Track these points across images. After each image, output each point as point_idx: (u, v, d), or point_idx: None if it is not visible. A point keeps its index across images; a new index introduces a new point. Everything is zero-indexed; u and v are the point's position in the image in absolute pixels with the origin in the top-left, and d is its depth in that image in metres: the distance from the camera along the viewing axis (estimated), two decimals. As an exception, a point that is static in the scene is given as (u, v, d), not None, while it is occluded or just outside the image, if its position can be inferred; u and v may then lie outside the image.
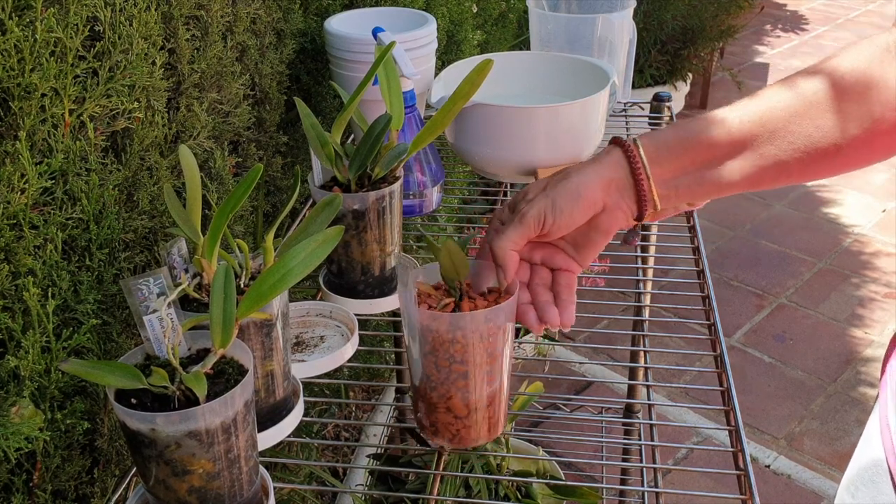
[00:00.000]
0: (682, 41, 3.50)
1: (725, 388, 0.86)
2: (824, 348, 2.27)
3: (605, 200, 0.65)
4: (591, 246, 0.67)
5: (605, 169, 0.65)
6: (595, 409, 1.82)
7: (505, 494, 1.19)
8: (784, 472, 1.88)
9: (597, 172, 0.65)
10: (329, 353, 0.83)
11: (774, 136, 0.62)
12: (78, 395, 0.81)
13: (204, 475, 0.58)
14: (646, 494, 1.20)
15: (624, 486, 1.55)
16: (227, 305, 0.59)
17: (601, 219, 0.66)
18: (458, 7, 1.80)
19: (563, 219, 0.64)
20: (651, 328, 2.08)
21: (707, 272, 1.05)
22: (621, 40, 1.42)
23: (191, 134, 0.98)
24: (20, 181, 0.70)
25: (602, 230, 0.66)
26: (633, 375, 1.54)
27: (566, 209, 0.64)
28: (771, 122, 0.63)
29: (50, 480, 0.79)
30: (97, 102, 0.80)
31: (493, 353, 0.67)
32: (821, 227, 2.85)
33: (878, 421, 0.67)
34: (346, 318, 0.88)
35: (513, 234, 0.65)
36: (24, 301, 0.72)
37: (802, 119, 0.62)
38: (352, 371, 1.78)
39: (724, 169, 0.64)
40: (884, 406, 0.66)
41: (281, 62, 1.22)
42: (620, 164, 0.65)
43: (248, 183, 0.64)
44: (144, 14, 0.84)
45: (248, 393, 0.59)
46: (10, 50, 0.68)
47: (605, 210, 0.65)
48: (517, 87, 1.24)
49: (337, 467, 1.69)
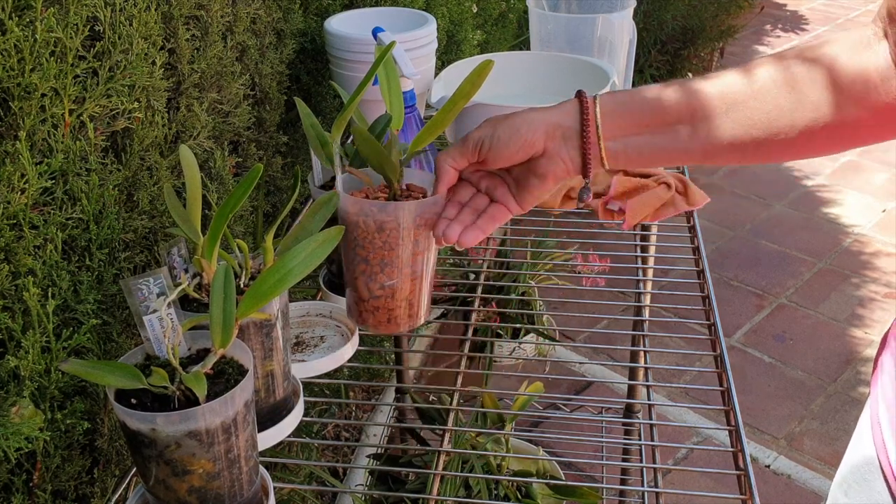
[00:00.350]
0: (682, 41, 3.50)
1: (725, 388, 0.86)
2: (824, 348, 2.27)
3: (547, 144, 0.66)
4: (529, 190, 0.69)
5: (555, 114, 0.66)
6: (595, 409, 1.82)
7: (505, 494, 1.19)
8: (784, 472, 1.88)
9: (545, 114, 0.66)
10: (329, 353, 0.83)
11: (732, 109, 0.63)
12: (78, 395, 0.81)
13: (204, 475, 0.58)
14: (646, 494, 1.20)
15: (624, 486, 1.55)
16: (227, 305, 0.59)
17: (540, 162, 0.67)
18: (458, 7, 1.80)
19: (499, 148, 0.66)
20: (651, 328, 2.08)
21: (707, 272, 1.05)
22: (621, 40, 1.42)
23: (191, 134, 0.98)
24: (20, 181, 0.70)
25: (539, 174, 0.67)
26: (633, 375, 1.54)
27: (503, 139, 0.66)
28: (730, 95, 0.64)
29: (50, 480, 0.79)
30: (97, 102, 0.80)
31: (390, 246, 0.72)
32: (821, 227, 2.85)
33: (869, 419, 0.67)
34: (346, 319, 0.88)
35: (453, 150, 0.69)
36: (24, 301, 0.72)
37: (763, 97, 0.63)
38: (352, 371, 1.78)
39: (677, 135, 0.65)
40: (874, 404, 0.67)
41: (281, 62, 1.22)
42: (572, 113, 0.66)
43: (248, 183, 0.64)
44: (144, 14, 0.84)
45: (248, 393, 0.59)
46: (10, 50, 0.68)
47: (545, 154, 0.66)
48: (517, 87, 1.24)
49: (337, 467, 1.69)
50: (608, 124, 0.65)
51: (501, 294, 1.75)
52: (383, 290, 0.76)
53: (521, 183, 0.69)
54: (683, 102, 0.64)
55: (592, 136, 0.65)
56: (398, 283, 0.76)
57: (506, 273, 1.77)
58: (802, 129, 0.63)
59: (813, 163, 3.26)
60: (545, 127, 0.66)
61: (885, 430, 0.63)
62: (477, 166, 0.70)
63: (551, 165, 0.67)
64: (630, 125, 0.65)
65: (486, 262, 1.20)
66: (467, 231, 0.69)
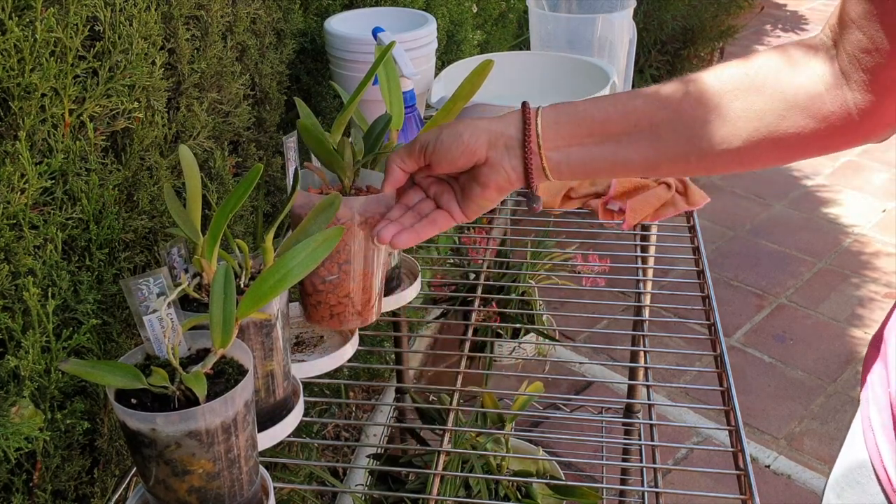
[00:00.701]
0: (682, 41, 3.50)
1: (725, 388, 0.86)
2: (824, 348, 2.27)
3: (489, 153, 0.67)
4: (472, 198, 0.69)
5: (499, 123, 0.67)
6: (595, 409, 1.82)
7: (505, 494, 1.19)
8: (784, 472, 1.88)
9: (489, 123, 0.67)
10: (329, 353, 0.83)
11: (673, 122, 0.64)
12: (78, 395, 0.81)
13: (204, 475, 0.58)
14: (646, 494, 1.20)
15: (624, 486, 1.55)
16: (227, 305, 0.59)
17: (482, 171, 0.67)
18: (458, 7, 1.80)
19: (441, 152, 0.67)
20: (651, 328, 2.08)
21: (707, 272, 1.05)
22: (621, 40, 1.42)
23: (191, 134, 0.98)
24: (20, 181, 0.70)
25: (481, 182, 0.68)
26: (633, 375, 1.54)
27: (446, 143, 0.67)
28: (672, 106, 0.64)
29: (50, 480, 0.79)
30: (97, 102, 0.80)
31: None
32: (821, 227, 2.85)
33: (861, 422, 0.67)
34: None
35: (401, 151, 0.70)
36: (24, 301, 0.72)
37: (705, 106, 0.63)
38: (352, 371, 1.78)
39: (619, 148, 0.65)
40: (866, 407, 0.67)
41: (281, 62, 1.22)
42: (514, 123, 0.67)
43: (248, 183, 0.64)
44: (144, 14, 0.84)
45: (248, 393, 0.59)
46: (10, 50, 0.68)
47: (487, 163, 0.67)
48: (517, 87, 1.24)
49: (337, 467, 1.69)
50: (549, 135, 0.66)
51: (501, 294, 1.75)
52: (325, 286, 0.77)
53: (465, 191, 0.70)
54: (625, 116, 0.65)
55: (534, 146, 0.66)
56: (338, 278, 0.76)
57: (506, 273, 1.77)
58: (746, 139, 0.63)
59: (813, 163, 3.26)
60: (488, 136, 0.66)
61: (878, 433, 0.63)
62: (427, 171, 0.71)
63: (493, 175, 0.67)
64: (572, 137, 0.66)
65: (486, 262, 1.20)
66: (402, 233, 0.70)
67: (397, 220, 0.71)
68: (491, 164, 0.67)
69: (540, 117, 0.66)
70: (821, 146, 0.63)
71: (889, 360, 0.63)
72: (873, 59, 0.57)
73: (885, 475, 0.62)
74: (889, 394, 0.62)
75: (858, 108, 0.60)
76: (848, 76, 0.60)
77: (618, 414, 1.66)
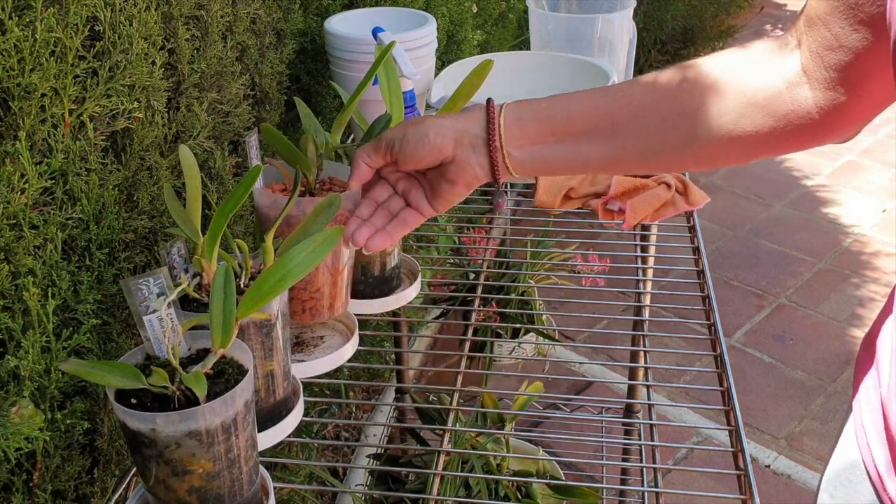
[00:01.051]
0: (682, 41, 3.50)
1: (725, 388, 0.86)
2: (824, 348, 2.27)
3: (456, 151, 0.67)
4: (441, 194, 0.70)
5: (464, 121, 0.68)
6: (595, 409, 1.82)
7: (505, 494, 1.19)
8: (784, 472, 1.88)
9: (454, 122, 0.68)
10: (329, 353, 0.83)
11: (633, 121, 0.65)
12: (78, 395, 0.81)
13: (204, 475, 0.58)
14: (646, 494, 1.20)
15: (624, 486, 1.55)
16: (227, 305, 0.59)
17: (450, 168, 0.68)
18: (458, 7, 1.80)
19: (408, 150, 0.68)
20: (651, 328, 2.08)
21: (707, 272, 1.05)
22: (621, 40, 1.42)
23: (191, 134, 0.98)
24: (20, 181, 0.70)
25: (449, 179, 0.69)
26: (633, 375, 1.54)
27: (412, 142, 0.67)
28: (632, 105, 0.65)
29: (50, 480, 0.79)
30: (97, 102, 0.80)
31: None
32: (821, 227, 2.85)
33: (853, 421, 0.68)
34: (346, 318, 0.88)
35: (367, 148, 0.71)
36: (24, 301, 0.72)
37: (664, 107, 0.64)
38: (352, 371, 1.78)
39: (580, 147, 0.66)
40: (857, 407, 0.67)
41: (281, 62, 1.22)
42: (479, 121, 0.67)
43: (247, 183, 0.64)
44: (144, 14, 0.84)
45: (248, 393, 0.59)
46: (10, 50, 0.68)
47: (455, 161, 0.68)
48: (517, 87, 1.24)
49: (337, 467, 1.69)
50: (512, 134, 0.67)
51: (501, 294, 1.75)
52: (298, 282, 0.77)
53: (434, 187, 0.71)
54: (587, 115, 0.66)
55: (497, 144, 0.67)
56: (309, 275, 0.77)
57: (506, 273, 1.77)
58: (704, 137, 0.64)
59: (813, 162, 3.26)
60: (454, 134, 0.67)
61: (870, 433, 0.64)
62: (394, 167, 0.71)
63: (461, 172, 0.68)
64: (535, 136, 0.67)
65: (486, 262, 1.20)
66: (376, 236, 0.71)
67: (369, 221, 0.71)
68: (458, 161, 0.68)
69: (503, 116, 0.67)
70: (779, 145, 0.64)
71: (880, 361, 0.64)
72: (837, 57, 0.58)
73: (877, 475, 0.62)
74: (880, 394, 0.63)
75: (819, 108, 0.60)
76: (810, 75, 0.60)
77: (618, 414, 1.66)
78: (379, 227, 0.72)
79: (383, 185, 0.73)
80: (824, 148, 3.35)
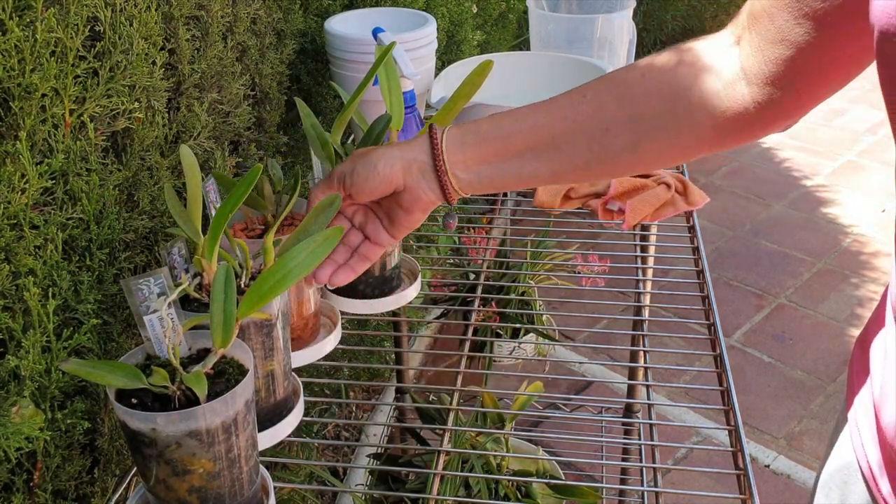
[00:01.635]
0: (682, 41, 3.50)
1: (725, 387, 0.86)
2: (824, 348, 2.27)
3: (406, 180, 0.69)
4: (398, 222, 0.72)
5: (410, 150, 0.69)
6: (595, 408, 1.82)
7: (505, 494, 1.19)
8: (784, 472, 1.88)
9: (401, 151, 0.69)
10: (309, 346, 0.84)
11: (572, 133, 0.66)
12: (78, 395, 0.81)
13: (204, 475, 0.58)
14: (645, 494, 1.20)
15: (624, 485, 1.55)
16: (228, 305, 0.60)
17: (403, 197, 0.70)
18: (458, 7, 1.80)
19: (359, 183, 0.69)
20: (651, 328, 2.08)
21: (707, 272, 1.05)
22: (621, 40, 1.42)
23: (191, 134, 0.98)
24: (21, 181, 0.70)
25: (405, 208, 0.70)
26: (633, 375, 1.54)
27: (362, 175, 0.69)
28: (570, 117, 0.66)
29: (50, 480, 0.79)
30: (97, 102, 0.80)
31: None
32: (820, 227, 2.85)
33: (848, 422, 0.68)
34: (331, 312, 0.89)
35: (321, 184, 0.72)
36: (25, 301, 0.72)
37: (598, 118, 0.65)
38: (352, 371, 1.79)
39: (525, 163, 0.67)
40: (852, 407, 0.67)
41: (281, 62, 1.22)
42: (424, 148, 0.69)
43: (247, 183, 0.64)
44: (145, 14, 0.84)
45: (248, 393, 0.60)
46: (11, 50, 0.68)
47: (406, 189, 0.69)
48: (517, 87, 1.24)
49: (337, 467, 1.69)
50: (456, 158, 0.68)
51: (501, 294, 1.75)
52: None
53: (390, 215, 0.72)
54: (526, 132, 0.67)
55: (443, 168, 0.68)
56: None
57: (506, 273, 1.77)
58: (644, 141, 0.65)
59: (812, 162, 3.26)
60: (401, 163, 0.69)
61: (864, 433, 0.64)
62: (350, 200, 0.72)
63: (415, 199, 0.70)
64: (480, 157, 0.68)
65: (486, 262, 1.20)
66: (339, 272, 0.72)
67: (330, 258, 0.72)
68: (409, 189, 0.69)
69: (444, 142, 0.68)
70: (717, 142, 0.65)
71: (872, 363, 0.64)
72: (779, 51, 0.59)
73: (871, 475, 0.62)
74: (872, 395, 0.63)
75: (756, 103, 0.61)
76: (748, 71, 0.61)
77: (617, 414, 1.66)
78: (340, 262, 0.73)
79: (340, 219, 0.74)
80: (824, 148, 3.36)
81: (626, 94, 0.65)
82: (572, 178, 0.72)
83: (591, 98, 0.66)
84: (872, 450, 0.62)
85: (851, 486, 0.66)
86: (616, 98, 0.65)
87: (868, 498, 0.64)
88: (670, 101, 0.64)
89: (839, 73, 0.59)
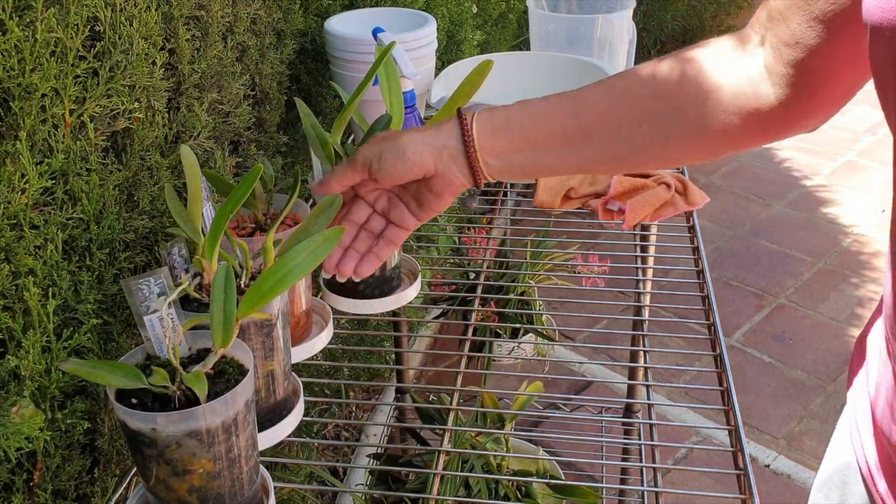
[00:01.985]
0: (682, 41, 3.50)
1: (725, 387, 0.86)
2: (824, 348, 2.27)
3: (437, 166, 0.68)
4: (428, 205, 0.71)
5: (438, 136, 0.69)
6: (595, 409, 1.82)
7: (505, 494, 1.19)
8: (784, 472, 1.88)
9: (429, 137, 0.69)
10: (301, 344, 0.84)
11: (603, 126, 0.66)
12: (78, 395, 0.81)
13: (204, 475, 0.58)
14: (645, 494, 1.20)
15: (624, 485, 1.55)
16: (228, 305, 0.60)
17: (434, 182, 0.69)
18: (458, 7, 1.80)
19: (387, 168, 0.68)
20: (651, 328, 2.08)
21: (707, 272, 1.05)
22: (621, 40, 1.42)
23: (191, 134, 0.98)
24: (20, 181, 0.70)
25: (435, 192, 0.70)
26: (633, 375, 1.54)
27: (390, 160, 0.68)
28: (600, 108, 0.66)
29: (50, 480, 0.79)
30: (97, 102, 0.80)
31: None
32: (820, 227, 2.85)
33: (847, 422, 0.68)
34: (322, 311, 0.89)
35: (341, 169, 0.71)
36: (25, 301, 0.72)
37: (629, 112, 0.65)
38: (352, 371, 1.79)
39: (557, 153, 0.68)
40: (851, 407, 0.67)
41: (281, 62, 1.22)
42: (454, 134, 0.68)
43: (247, 183, 0.64)
44: (145, 14, 0.84)
45: (248, 392, 0.60)
46: (11, 50, 0.68)
47: (437, 174, 0.69)
48: (517, 87, 1.24)
49: (337, 467, 1.69)
50: (488, 146, 0.68)
51: (501, 294, 1.75)
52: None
53: (418, 199, 0.71)
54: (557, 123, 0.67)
55: (473, 156, 0.68)
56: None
57: (505, 273, 1.77)
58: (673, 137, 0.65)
59: (812, 162, 3.26)
60: (431, 150, 0.68)
61: (864, 434, 0.64)
62: (372, 184, 0.71)
63: (447, 184, 0.69)
64: (510, 146, 0.68)
65: (486, 261, 1.20)
66: (363, 262, 0.72)
67: (351, 247, 0.72)
68: (440, 174, 0.69)
69: (475, 128, 0.68)
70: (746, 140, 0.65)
71: (869, 362, 0.64)
72: (794, 53, 0.59)
73: (868, 473, 0.63)
74: (868, 395, 0.63)
75: (781, 103, 0.62)
76: (772, 71, 0.61)
77: (617, 414, 1.66)
78: (363, 251, 0.72)
79: (361, 205, 0.73)
80: (824, 148, 3.36)
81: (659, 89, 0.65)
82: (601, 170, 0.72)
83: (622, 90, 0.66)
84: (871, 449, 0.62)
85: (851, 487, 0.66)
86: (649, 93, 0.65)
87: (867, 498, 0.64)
88: (702, 98, 0.63)
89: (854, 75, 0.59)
